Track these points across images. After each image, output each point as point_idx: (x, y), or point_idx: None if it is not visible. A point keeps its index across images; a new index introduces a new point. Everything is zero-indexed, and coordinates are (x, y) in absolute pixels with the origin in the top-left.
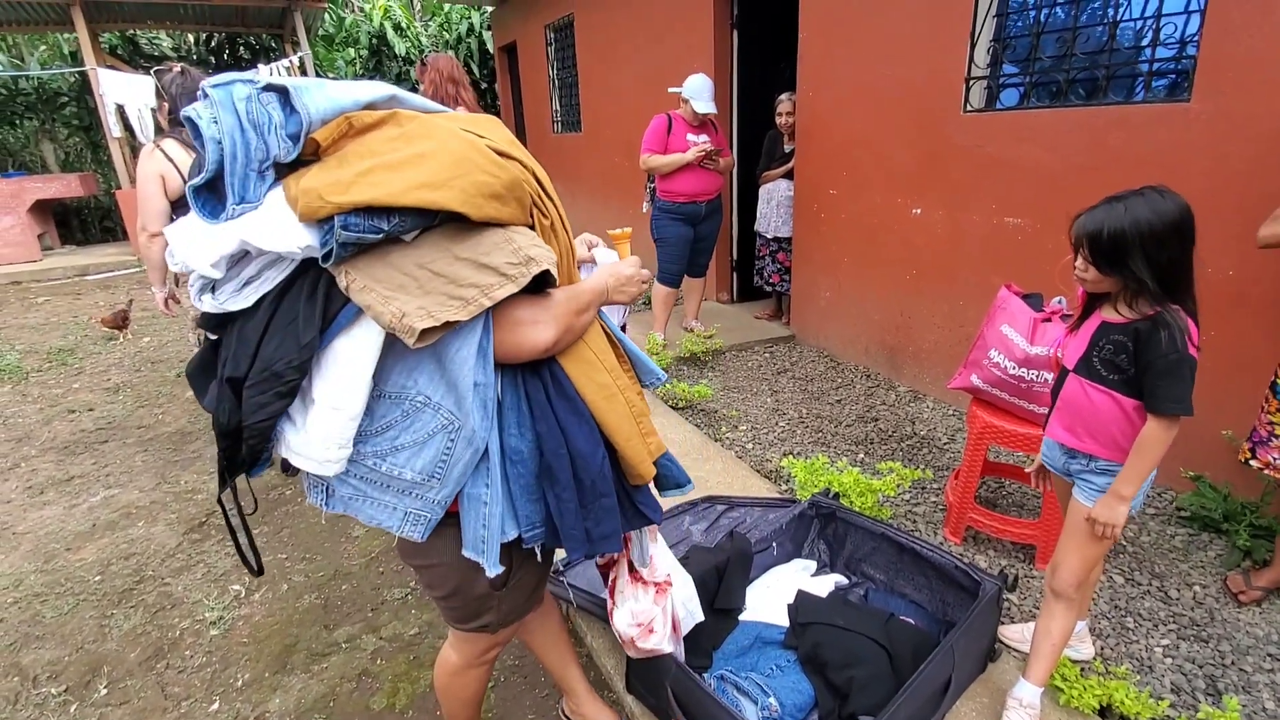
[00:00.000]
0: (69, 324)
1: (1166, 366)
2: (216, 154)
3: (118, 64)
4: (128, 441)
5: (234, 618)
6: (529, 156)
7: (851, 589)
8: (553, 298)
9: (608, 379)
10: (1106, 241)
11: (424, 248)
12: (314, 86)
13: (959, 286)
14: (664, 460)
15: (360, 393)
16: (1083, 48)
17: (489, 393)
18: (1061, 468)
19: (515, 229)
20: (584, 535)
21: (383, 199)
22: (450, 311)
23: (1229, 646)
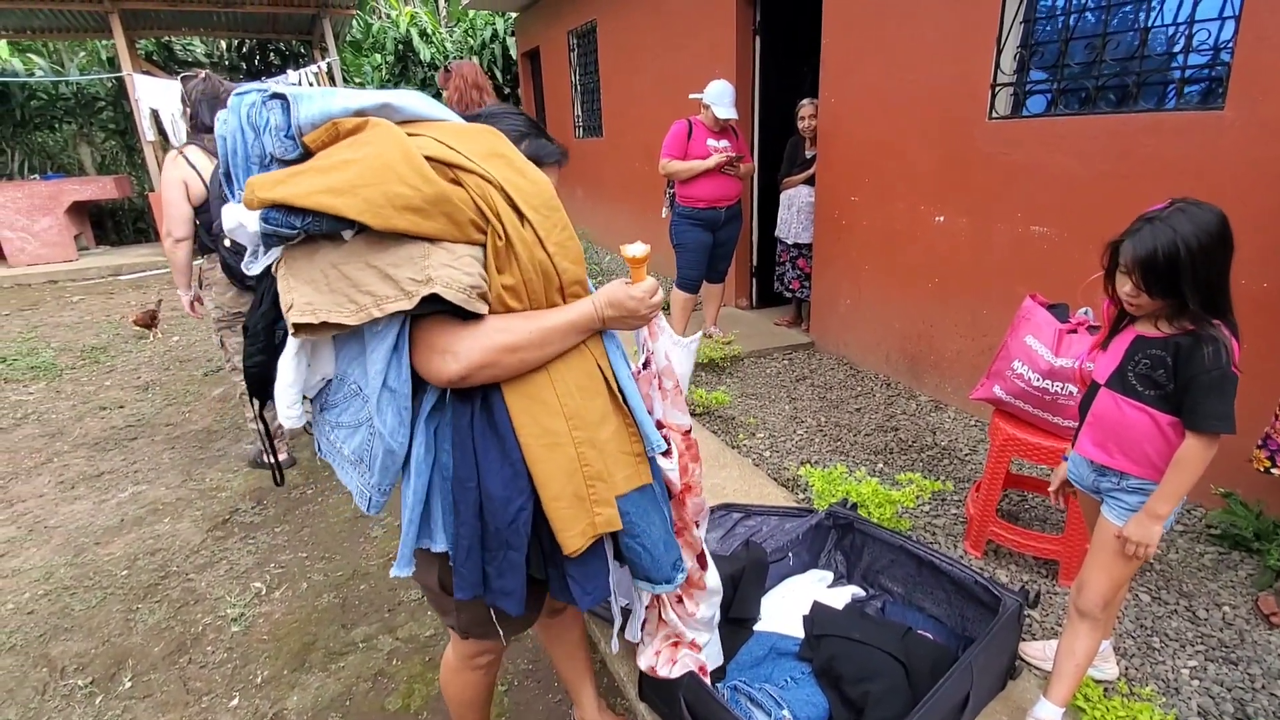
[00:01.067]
0: (102, 323)
1: (1210, 383)
2: (222, 148)
3: (153, 69)
4: (156, 439)
5: (254, 615)
6: (513, 172)
7: (869, 601)
8: (476, 328)
9: (560, 426)
10: (1163, 265)
11: (345, 249)
12: (314, 96)
13: (983, 295)
14: (632, 543)
15: (289, 366)
16: (1113, 54)
17: (403, 401)
18: (1090, 485)
19: (444, 245)
20: (479, 579)
21: (288, 198)
22: (337, 314)
23: (1259, 670)
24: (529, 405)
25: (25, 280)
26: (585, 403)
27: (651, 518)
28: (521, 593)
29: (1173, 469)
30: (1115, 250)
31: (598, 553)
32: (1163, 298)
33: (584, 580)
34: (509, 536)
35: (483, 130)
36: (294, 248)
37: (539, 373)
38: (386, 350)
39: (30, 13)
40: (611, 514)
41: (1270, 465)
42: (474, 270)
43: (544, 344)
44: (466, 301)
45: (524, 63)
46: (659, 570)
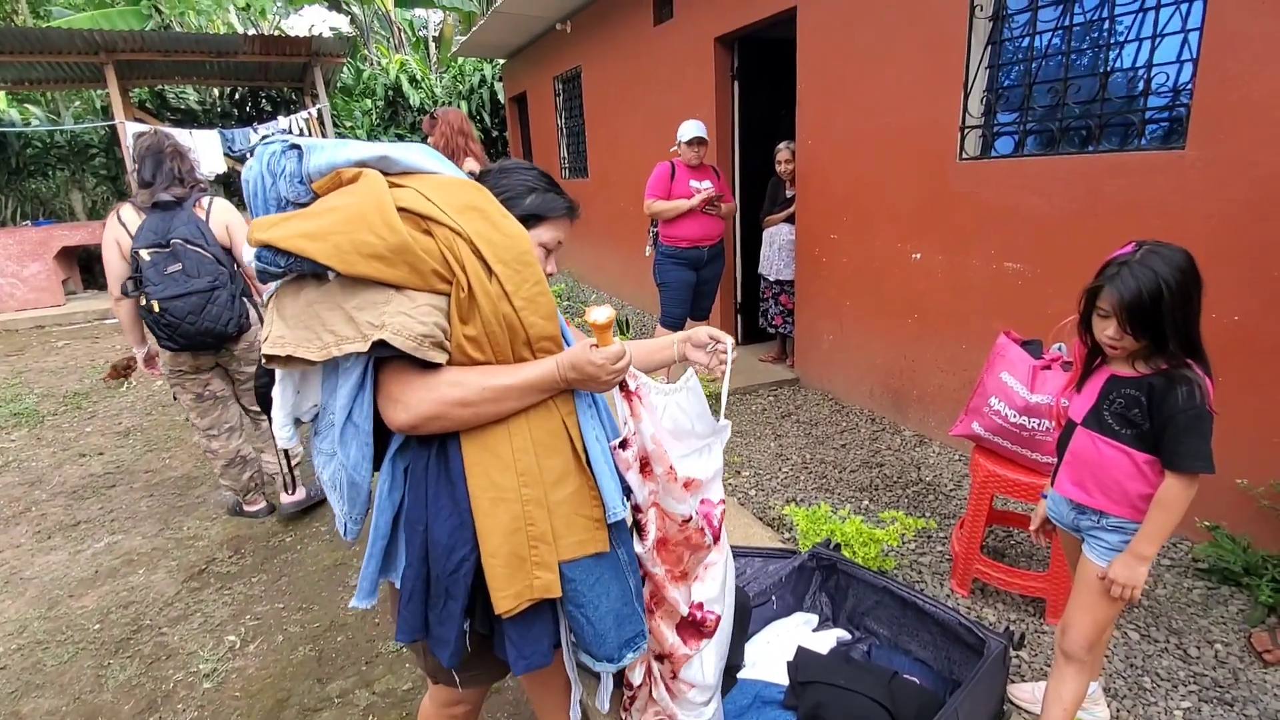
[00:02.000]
0: (86, 367)
1: (1187, 422)
2: (247, 190)
3: (145, 117)
4: (134, 486)
5: (227, 670)
6: (487, 225)
7: (854, 645)
8: (429, 379)
9: (509, 482)
10: (1149, 306)
11: (324, 290)
12: (325, 147)
13: (961, 331)
14: (575, 613)
15: (278, 390)
16: (1075, 97)
17: (365, 436)
18: (1070, 524)
19: (406, 293)
20: (420, 624)
21: (273, 240)
22: (303, 349)
23: (1256, 711)
24: (482, 456)
25: (12, 325)
26: (541, 461)
27: (607, 588)
28: (456, 644)
29: (1155, 509)
30: (1091, 295)
31: (540, 617)
32: (1145, 337)
33: (521, 643)
34: (449, 585)
35: (464, 184)
36: (287, 284)
37: (498, 425)
38: (352, 386)
39: (29, 65)
40: (551, 579)
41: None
42: (429, 320)
43: (498, 400)
44: (416, 350)
45: (511, 107)
46: (601, 646)
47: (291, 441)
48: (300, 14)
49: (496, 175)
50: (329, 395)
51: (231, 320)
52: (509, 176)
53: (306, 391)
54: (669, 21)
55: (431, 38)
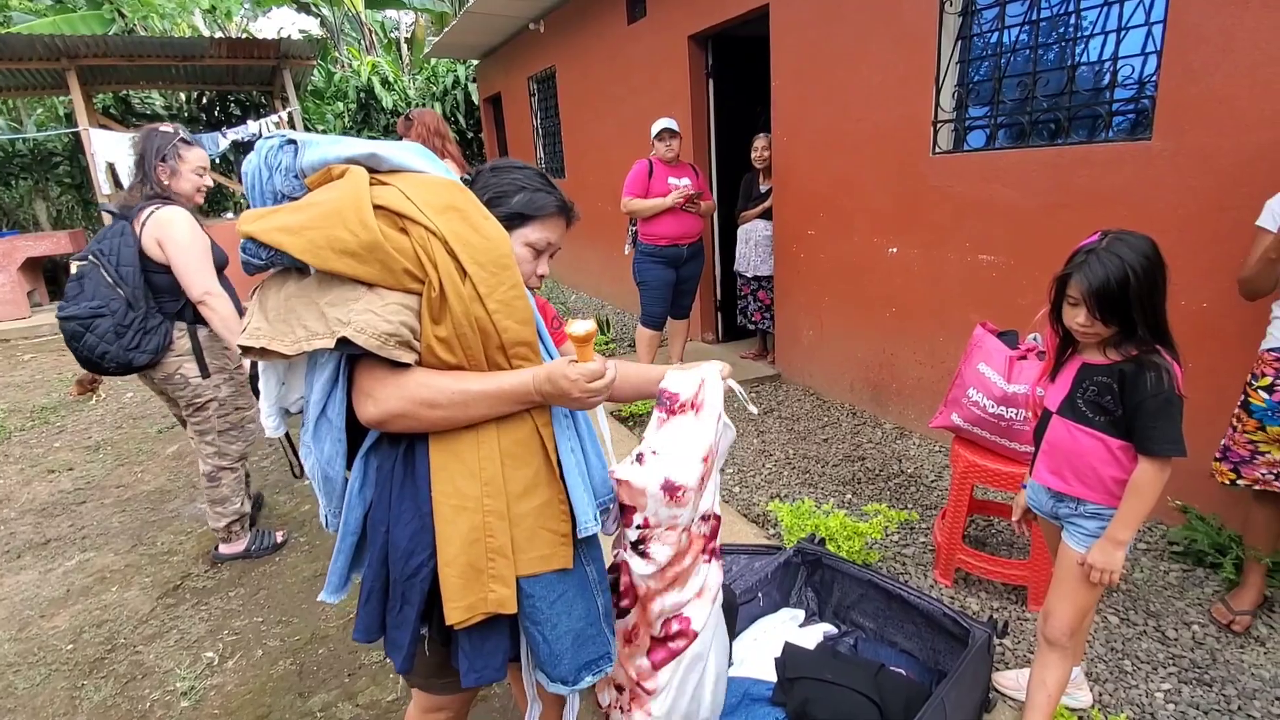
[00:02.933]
0: (53, 381)
1: (1157, 407)
2: (246, 183)
3: (110, 123)
4: (105, 502)
5: (206, 687)
6: (466, 226)
7: (841, 638)
8: (400, 377)
9: (472, 490)
10: (1117, 293)
11: (303, 284)
12: (320, 143)
13: (939, 323)
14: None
15: (264, 382)
16: (1043, 90)
17: (338, 432)
18: (1049, 511)
19: (377, 291)
20: (376, 625)
21: (255, 233)
22: (276, 343)
23: (1234, 690)
24: (448, 461)
25: None
26: (508, 471)
27: (569, 605)
28: (409, 650)
29: (1129, 494)
30: (1061, 284)
31: (496, 630)
32: (1114, 323)
33: (473, 655)
34: (405, 590)
35: (446, 184)
36: (273, 277)
37: (467, 431)
38: (326, 381)
39: None
40: (506, 595)
41: (1235, 478)
42: (396, 319)
43: (466, 405)
44: (380, 348)
45: (486, 108)
46: (556, 666)
47: (279, 431)
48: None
49: (489, 174)
50: (309, 389)
51: (110, 354)
52: (500, 175)
53: (292, 383)
54: (642, 20)
55: (403, 39)
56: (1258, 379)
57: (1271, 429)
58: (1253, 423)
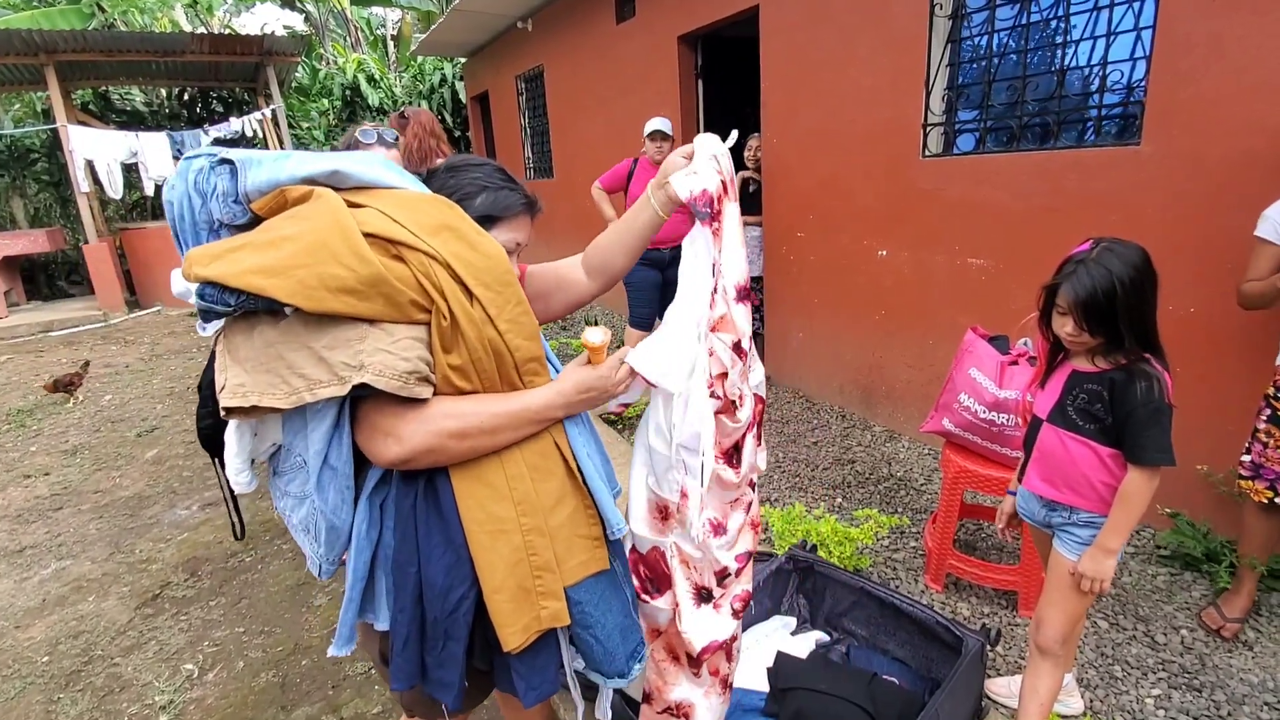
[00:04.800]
0: (30, 383)
1: (1147, 416)
2: (170, 213)
3: (89, 120)
4: (83, 508)
5: (185, 700)
6: (463, 245)
7: (833, 646)
8: (422, 411)
9: (507, 513)
10: (1104, 304)
11: (283, 327)
12: (264, 161)
13: (928, 326)
14: (584, 634)
15: (233, 436)
16: (1032, 94)
17: (345, 480)
18: (1041, 520)
19: (382, 327)
20: (416, 670)
21: (221, 277)
22: (270, 398)
23: (1224, 696)
24: (475, 489)
25: None
26: (537, 486)
27: (610, 604)
28: (460, 686)
29: (1119, 503)
30: (1050, 292)
31: (547, 645)
32: (1102, 334)
33: (529, 675)
34: (448, 627)
35: (432, 201)
36: (235, 321)
37: (490, 455)
38: (327, 429)
39: None
40: (559, 608)
41: (1274, 495)
42: (412, 354)
43: (496, 431)
44: (402, 389)
45: (473, 106)
46: (612, 663)
47: (250, 487)
48: (252, 12)
49: (445, 175)
50: (293, 436)
51: None
52: (458, 175)
53: (265, 433)
54: (631, 20)
55: (390, 36)
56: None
57: None
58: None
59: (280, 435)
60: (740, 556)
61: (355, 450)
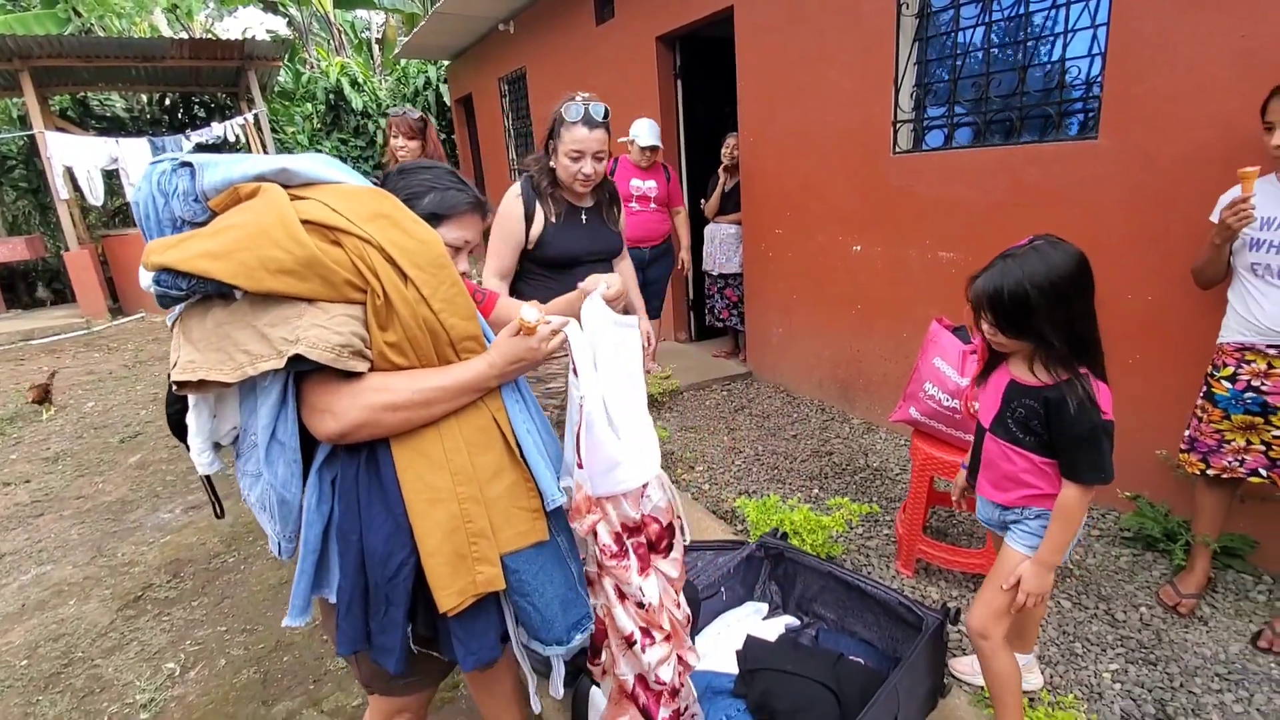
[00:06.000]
0: (10, 391)
1: (1082, 435)
2: (137, 213)
3: (67, 126)
4: (64, 514)
5: (166, 699)
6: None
7: (803, 631)
8: (355, 387)
9: (443, 482)
10: (1009, 303)
11: (232, 309)
12: (219, 163)
13: (902, 320)
14: (521, 602)
15: (193, 417)
16: (996, 91)
17: (291, 453)
18: (997, 521)
19: (320, 305)
20: (360, 634)
21: (173, 263)
22: (216, 372)
23: (1177, 668)
24: (414, 460)
25: None
26: (475, 458)
27: (550, 575)
28: (401, 651)
29: (1055, 518)
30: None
31: (485, 611)
32: (1019, 336)
33: (468, 640)
34: (389, 592)
35: (370, 192)
36: (191, 306)
37: (428, 427)
38: (273, 404)
39: None
40: (494, 573)
41: (1205, 467)
42: (346, 329)
43: (428, 404)
44: (335, 360)
45: (457, 109)
46: (549, 631)
47: (213, 468)
48: (235, 16)
49: (396, 177)
50: (249, 416)
51: None
52: (409, 177)
53: (224, 415)
54: (611, 21)
55: (374, 40)
56: (1219, 369)
57: (1236, 417)
58: (1218, 412)
59: (238, 418)
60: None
61: (304, 428)
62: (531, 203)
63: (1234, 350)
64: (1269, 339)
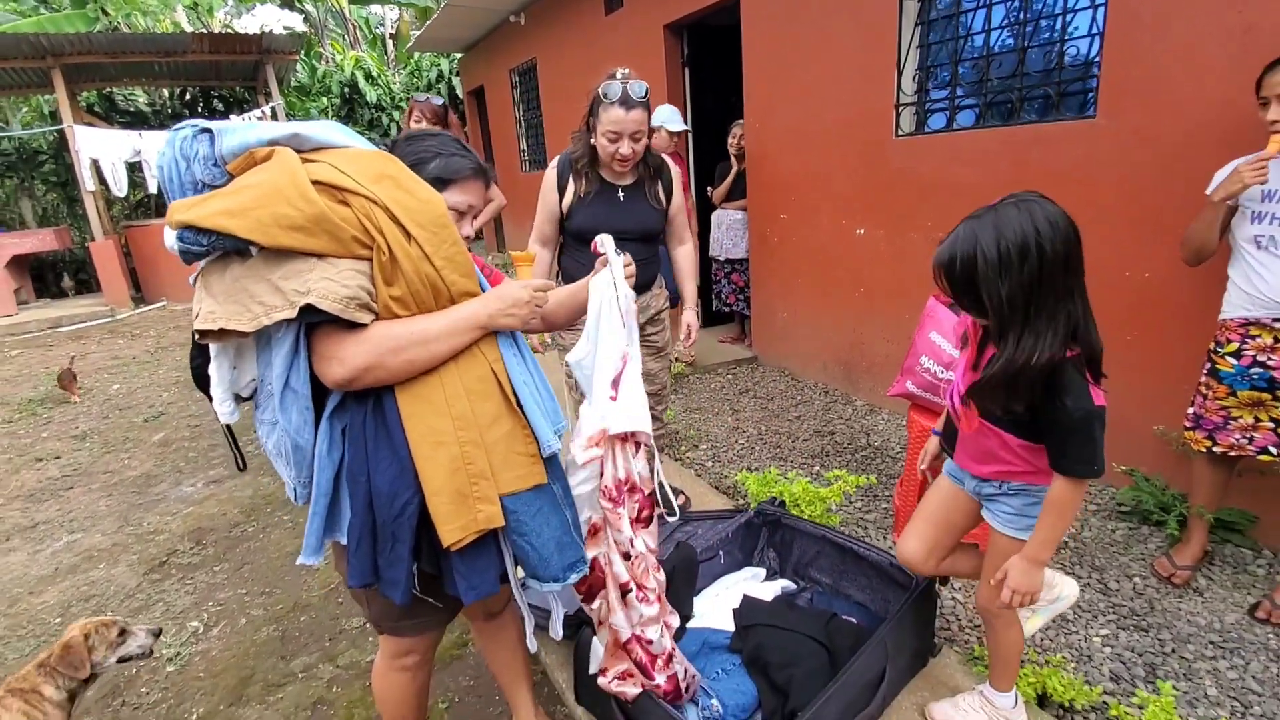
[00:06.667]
0: (40, 375)
1: (1071, 425)
2: (160, 177)
3: (94, 120)
4: (93, 487)
5: (191, 654)
6: (401, 192)
7: (799, 594)
8: (361, 334)
9: (445, 426)
10: (960, 274)
11: (248, 264)
12: (236, 129)
13: (904, 301)
14: (520, 541)
15: (214, 368)
16: (997, 73)
17: (304, 400)
18: (973, 490)
19: (329, 260)
20: (369, 569)
21: (194, 220)
22: (235, 322)
23: (1169, 635)
24: (418, 406)
25: None
26: (474, 405)
27: (547, 518)
28: (406, 584)
29: (1046, 513)
30: None
31: (485, 549)
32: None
33: (469, 575)
34: (395, 530)
35: (375, 155)
36: (211, 263)
37: (430, 375)
38: (286, 353)
39: None
40: (494, 511)
41: (1211, 444)
42: (353, 282)
43: (426, 342)
44: (343, 311)
45: (470, 100)
46: (546, 569)
47: (233, 417)
48: (252, 13)
49: (404, 144)
50: (264, 367)
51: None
52: (415, 143)
53: (243, 367)
54: (619, 10)
55: (388, 34)
56: (1223, 346)
57: (1242, 394)
58: (1223, 389)
59: (255, 370)
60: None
61: (316, 382)
62: (565, 176)
63: (1238, 326)
64: (1274, 312)
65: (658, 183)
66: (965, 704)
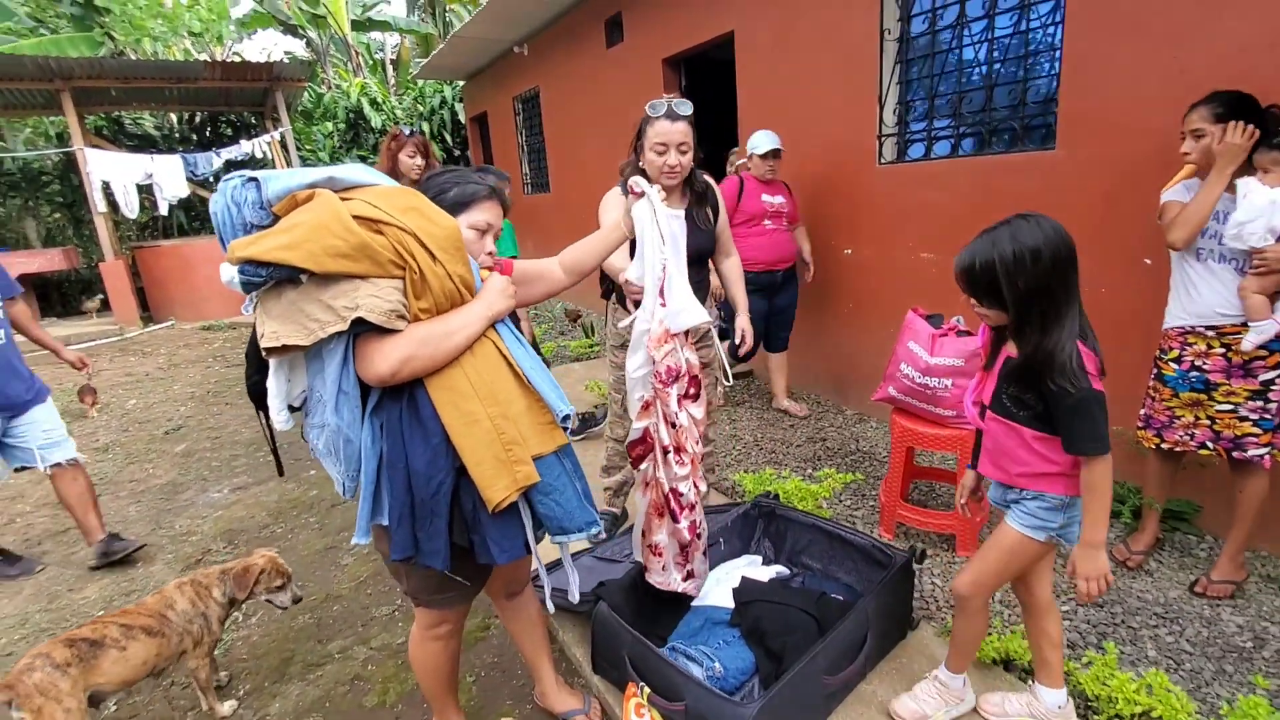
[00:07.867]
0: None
1: (1073, 405)
2: (215, 221)
3: (102, 143)
4: (120, 495)
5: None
6: (425, 221)
7: (793, 578)
8: (399, 336)
9: (475, 407)
10: (980, 274)
11: (301, 289)
12: (280, 176)
13: (890, 316)
14: (546, 500)
15: (273, 381)
16: (969, 108)
17: (354, 401)
18: (1000, 500)
19: (371, 280)
20: (410, 542)
21: (255, 255)
22: (294, 338)
23: (1121, 609)
24: (448, 396)
25: None
26: (495, 386)
27: (566, 480)
28: (446, 552)
29: (1087, 495)
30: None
31: (514, 515)
32: (996, 307)
33: (500, 539)
34: (433, 506)
35: (400, 191)
36: (267, 291)
37: (454, 368)
38: (338, 363)
39: None
40: (530, 470)
41: (1160, 442)
42: (393, 298)
43: (450, 334)
44: (387, 321)
45: (472, 126)
46: (572, 521)
47: (288, 425)
48: (252, 38)
49: (426, 181)
50: (315, 377)
51: None
52: (436, 179)
53: (295, 379)
54: (620, 44)
55: (389, 60)
56: (1166, 353)
57: (1183, 395)
58: (1168, 391)
59: (306, 381)
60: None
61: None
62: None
63: (1177, 335)
64: (1206, 321)
65: (705, 205)
66: (922, 693)
